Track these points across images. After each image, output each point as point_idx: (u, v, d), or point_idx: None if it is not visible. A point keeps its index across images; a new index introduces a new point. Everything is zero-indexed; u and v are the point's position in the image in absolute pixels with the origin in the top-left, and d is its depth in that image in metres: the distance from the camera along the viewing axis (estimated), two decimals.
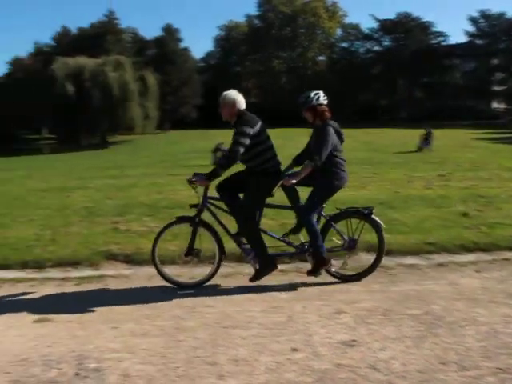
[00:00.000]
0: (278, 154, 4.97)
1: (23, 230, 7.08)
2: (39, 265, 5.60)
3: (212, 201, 4.99)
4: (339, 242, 5.13)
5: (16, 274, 5.51)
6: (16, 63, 70.62)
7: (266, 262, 4.86)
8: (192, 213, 4.97)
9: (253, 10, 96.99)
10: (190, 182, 4.86)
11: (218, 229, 5.06)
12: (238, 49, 72.67)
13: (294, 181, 4.74)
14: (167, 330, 3.92)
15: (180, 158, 18.53)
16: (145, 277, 5.26)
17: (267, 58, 69.54)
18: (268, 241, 5.00)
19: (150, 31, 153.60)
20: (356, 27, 68.89)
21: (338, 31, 71.13)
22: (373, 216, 5.00)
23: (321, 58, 72.23)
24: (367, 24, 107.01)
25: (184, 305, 4.44)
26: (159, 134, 56.08)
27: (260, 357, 3.42)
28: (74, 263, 5.62)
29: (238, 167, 4.92)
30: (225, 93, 4.96)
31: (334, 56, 70.59)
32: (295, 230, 5.10)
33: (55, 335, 3.91)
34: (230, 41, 73.76)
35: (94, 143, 47.94)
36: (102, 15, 71.88)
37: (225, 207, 5.00)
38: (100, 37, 66.86)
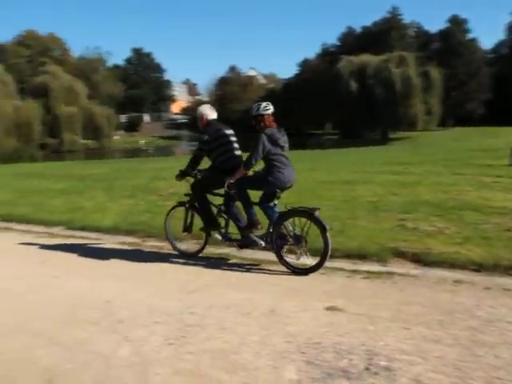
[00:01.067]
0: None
1: None
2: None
3: None
4: (284, 238, 5.56)
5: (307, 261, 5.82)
6: (305, 64, 76.24)
7: (211, 223, 6.15)
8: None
9: None
10: (176, 177, 6.24)
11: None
12: None
13: (232, 180, 5.61)
14: (462, 340, 3.63)
15: (465, 157, 17.39)
16: (434, 279, 4.99)
17: None
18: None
19: (435, 24, 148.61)
20: None
21: None
22: (316, 216, 5.26)
23: None
24: None
25: (480, 316, 4.06)
26: (441, 130, 53.80)
27: None
28: (362, 256, 5.68)
29: None
30: (198, 107, 6.35)
31: None
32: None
33: (346, 326, 3.98)
34: None
35: (375, 139, 48.54)
36: (386, 12, 72.10)
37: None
38: (383, 34, 67.38)
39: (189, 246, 6.68)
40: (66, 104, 56.63)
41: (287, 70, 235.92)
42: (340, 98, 54.70)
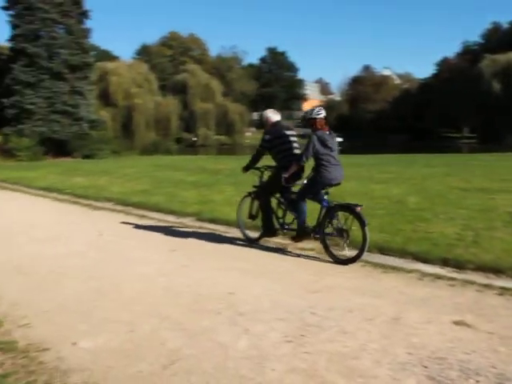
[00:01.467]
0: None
1: (444, 227, 7.10)
2: (459, 265, 5.49)
3: None
4: (330, 230, 6.19)
5: (436, 269, 5.53)
6: (443, 64, 72.79)
7: (267, 229, 6.92)
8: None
9: None
10: (241, 169, 7.22)
11: None
12: None
13: (286, 175, 6.45)
14: None
15: None
16: None
17: None
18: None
19: None
20: None
21: None
22: (358, 212, 5.84)
23: None
24: None
25: None
26: None
27: None
28: (497, 271, 5.28)
29: None
30: (263, 112, 7.24)
31: None
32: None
33: (474, 344, 3.72)
34: None
35: None
36: None
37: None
38: None
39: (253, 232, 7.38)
40: (202, 101, 59.35)
41: (424, 69, 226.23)
42: (481, 100, 51.41)
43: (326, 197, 6.33)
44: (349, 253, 5.97)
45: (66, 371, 3.48)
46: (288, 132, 6.84)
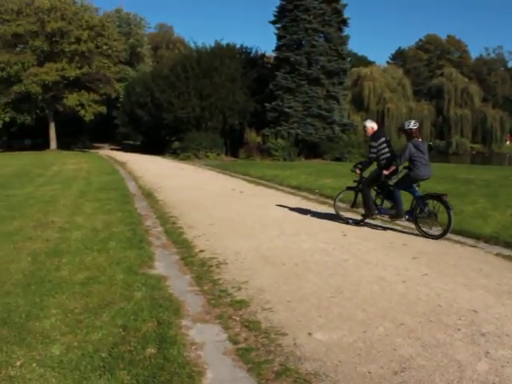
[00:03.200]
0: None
1: None
2: None
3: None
4: (422, 213, 8.15)
5: None
6: None
7: (368, 210, 8.92)
8: None
9: None
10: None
11: None
12: None
13: (386, 172, 8.52)
14: None
15: None
16: None
17: None
18: None
19: None
20: None
21: None
22: (444, 199, 7.81)
23: None
24: None
25: None
26: None
27: None
28: None
29: None
30: (363, 122, 9.55)
31: None
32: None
33: None
34: None
35: None
36: None
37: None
38: None
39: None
40: (458, 106, 56.32)
41: None
42: None
43: (417, 188, 8.28)
44: (437, 231, 7.88)
45: (299, 357, 3.72)
46: (387, 138, 8.79)
